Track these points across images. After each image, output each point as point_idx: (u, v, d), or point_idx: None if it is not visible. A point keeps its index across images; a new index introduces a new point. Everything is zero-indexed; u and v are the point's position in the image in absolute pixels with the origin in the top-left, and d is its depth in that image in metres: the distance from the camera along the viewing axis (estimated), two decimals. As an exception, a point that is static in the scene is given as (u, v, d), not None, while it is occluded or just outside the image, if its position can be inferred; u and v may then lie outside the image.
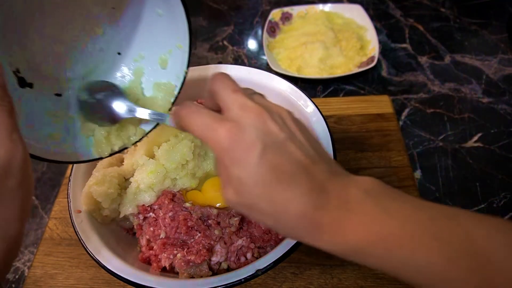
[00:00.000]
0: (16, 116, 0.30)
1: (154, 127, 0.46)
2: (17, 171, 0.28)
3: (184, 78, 0.45)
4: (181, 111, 0.33)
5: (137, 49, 0.46)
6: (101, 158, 0.44)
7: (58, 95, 0.42)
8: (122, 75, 0.47)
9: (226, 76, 0.33)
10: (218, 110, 0.32)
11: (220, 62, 0.92)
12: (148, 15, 0.43)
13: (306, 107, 0.54)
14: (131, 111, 0.42)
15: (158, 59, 0.45)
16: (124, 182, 0.51)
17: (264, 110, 0.30)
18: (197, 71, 0.60)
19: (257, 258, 0.44)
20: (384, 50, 0.88)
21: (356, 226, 0.27)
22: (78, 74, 0.44)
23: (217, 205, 0.49)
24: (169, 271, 0.46)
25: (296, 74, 0.80)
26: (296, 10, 0.95)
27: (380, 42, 0.88)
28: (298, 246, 0.40)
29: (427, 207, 0.27)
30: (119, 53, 0.46)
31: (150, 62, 0.46)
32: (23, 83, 0.39)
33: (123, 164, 0.53)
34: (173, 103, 0.46)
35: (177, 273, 0.45)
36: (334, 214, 0.27)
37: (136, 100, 0.45)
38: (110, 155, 0.44)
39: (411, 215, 0.27)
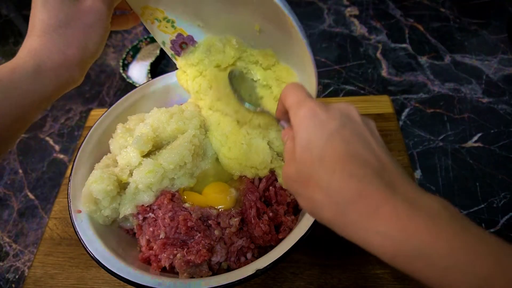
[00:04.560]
0: None
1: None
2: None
3: None
4: (287, 86, 0.35)
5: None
6: None
7: None
8: None
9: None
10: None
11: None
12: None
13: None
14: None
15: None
16: (122, 182, 0.51)
17: (354, 106, 0.32)
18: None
19: (257, 258, 0.44)
20: (384, 50, 0.88)
21: (423, 229, 0.24)
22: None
23: (219, 207, 0.49)
24: (169, 271, 0.46)
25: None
26: None
27: (380, 42, 0.88)
28: (298, 246, 0.40)
29: (492, 237, 0.25)
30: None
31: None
32: None
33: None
34: None
35: (177, 273, 0.45)
36: (401, 208, 0.25)
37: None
38: None
39: (483, 238, 0.24)
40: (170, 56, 0.57)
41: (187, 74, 0.57)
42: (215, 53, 0.53)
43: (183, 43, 0.55)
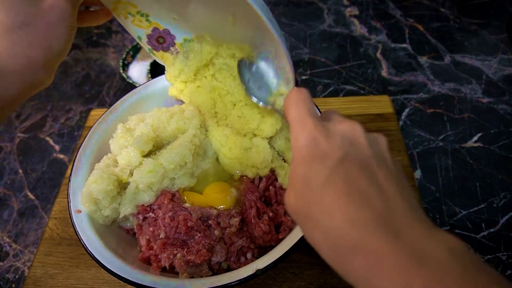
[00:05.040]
0: None
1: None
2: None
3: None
4: (290, 94, 0.33)
5: None
6: None
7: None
8: None
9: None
10: None
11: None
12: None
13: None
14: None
15: None
16: (122, 182, 0.51)
17: (360, 126, 0.29)
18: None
19: (257, 258, 0.44)
20: (384, 50, 0.88)
21: (426, 285, 0.22)
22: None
23: (219, 207, 0.49)
24: (169, 271, 0.46)
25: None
26: None
27: (380, 42, 0.88)
28: (298, 246, 0.40)
29: None
30: None
31: None
32: None
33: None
34: None
35: (177, 273, 0.45)
36: (402, 261, 0.23)
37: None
38: None
39: None
40: (147, 51, 0.56)
41: (176, 88, 0.57)
42: (192, 57, 0.53)
43: (159, 37, 0.54)
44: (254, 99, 0.45)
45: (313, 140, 0.28)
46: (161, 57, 0.57)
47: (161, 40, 0.54)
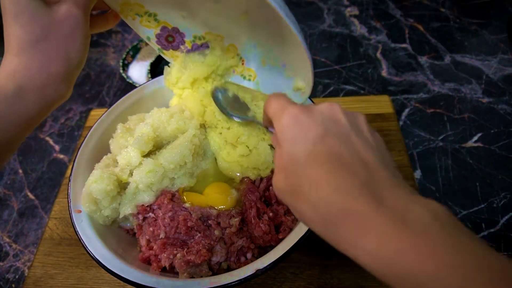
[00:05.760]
0: None
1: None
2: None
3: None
4: (269, 96, 0.34)
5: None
6: None
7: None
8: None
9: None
10: None
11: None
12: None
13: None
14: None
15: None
16: (122, 182, 0.51)
17: (338, 104, 0.30)
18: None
19: (257, 258, 0.44)
20: (384, 50, 0.88)
21: (410, 247, 0.22)
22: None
23: (221, 207, 0.49)
24: (169, 271, 0.46)
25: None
26: None
27: (380, 42, 0.88)
28: (298, 246, 0.40)
29: (498, 255, 0.22)
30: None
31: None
32: None
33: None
34: None
35: (177, 273, 0.45)
36: (385, 224, 0.23)
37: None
38: None
39: (482, 258, 0.22)
40: (157, 50, 0.56)
41: (175, 94, 0.57)
42: (191, 67, 0.53)
43: (169, 36, 0.54)
44: (236, 119, 0.49)
45: (295, 119, 0.29)
46: (171, 56, 0.57)
47: (171, 39, 0.54)
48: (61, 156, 0.79)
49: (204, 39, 0.54)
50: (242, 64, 0.55)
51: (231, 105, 0.51)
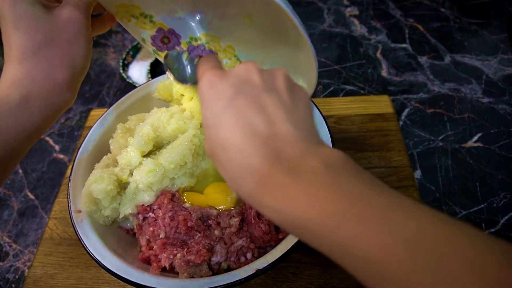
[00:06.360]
0: None
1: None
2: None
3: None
4: (201, 58, 0.35)
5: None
6: None
7: None
8: None
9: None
10: None
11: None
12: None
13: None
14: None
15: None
16: (122, 182, 0.51)
17: (256, 65, 0.30)
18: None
19: (257, 258, 0.44)
20: (384, 50, 0.88)
21: (299, 196, 0.24)
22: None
23: (221, 207, 0.49)
24: (169, 271, 0.46)
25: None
26: None
27: (380, 42, 0.88)
28: (298, 246, 0.40)
29: (387, 194, 0.23)
30: None
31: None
32: None
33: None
34: None
35: (177, 273, 0.45)
36: (280, 178, 0.24)
37: None
38: None
39: (364, 198, 0.23)
40: (152, 52, 0.56)
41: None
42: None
43: (164, 38, 0.53)
44: (188, 84, 0.47)
45: (210, 84, 0.29)
46: None
47: (166, 40, 0.54)
48: (61, 156, 0.79)
49: (200, 40, 0.53)
50: None
51: (179, 68, 0.48)
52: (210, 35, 0.52)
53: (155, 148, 0.52)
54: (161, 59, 0.57)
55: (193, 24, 0.51)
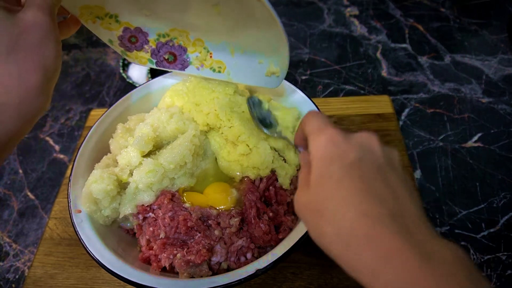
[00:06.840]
0: None
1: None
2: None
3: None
4: (308, 113, 0.35)
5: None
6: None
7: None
8: None
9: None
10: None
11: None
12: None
13: (306, 108, 0.54)
14: None
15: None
16: (122, 182, 0.51)
17: (376, 136, 0.31)
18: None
19: (257, 258, 0.44)
20: (384, 50, 0.88)
21: (427, 280, 0.23)
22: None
23: (221, 207, 0.49)
24: (169, 271, 0.46)
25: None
26: None
27: (380, 42, 0.88)
28: (298, 246, 0.40)
29: None
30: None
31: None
32: None
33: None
34: None
35: (177, 273, 0.45)
36: (410, 256, 0.24)
37: None
38: None
39: None
40: (120, 53, 0.55)
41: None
42: (197, 92, 0.55)
43: (131, 37, 0.52)
44: (265, 130, 0.51)
45: (332, 141, 0.30)
46: (135, 58, 0.55)
47: (134, 39, 0.53)
48: (61, 156, 0.79)
49: (168, 36, 0.52)
50: (210, 57, 0.54)
51: (262, 118, 0.53)
52: (178, 29, 0.51)
53: (155, 148, 0.52)
54: (131, 60, 0.56)
55: (160, 20, 0.50)
